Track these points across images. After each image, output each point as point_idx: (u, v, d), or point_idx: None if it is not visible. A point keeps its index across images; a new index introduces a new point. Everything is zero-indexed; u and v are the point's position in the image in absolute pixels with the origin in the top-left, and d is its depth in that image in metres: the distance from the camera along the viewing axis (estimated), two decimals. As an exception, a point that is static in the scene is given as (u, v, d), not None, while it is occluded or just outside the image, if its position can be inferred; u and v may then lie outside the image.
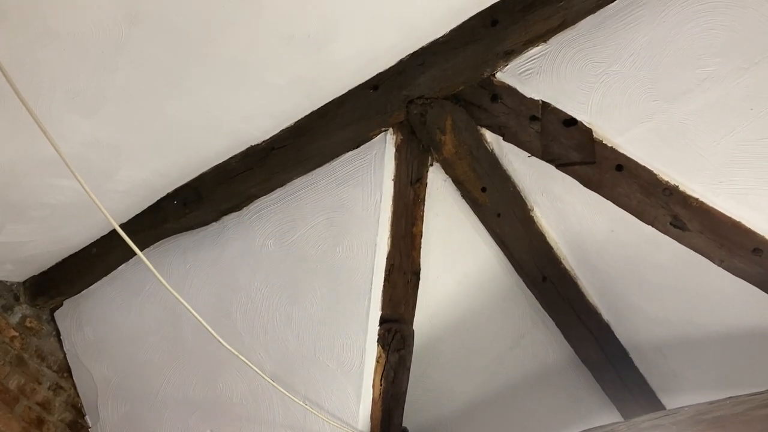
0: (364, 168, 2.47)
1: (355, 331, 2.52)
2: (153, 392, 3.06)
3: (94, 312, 3.26)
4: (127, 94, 2.15)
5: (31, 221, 2.70)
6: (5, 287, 3.25)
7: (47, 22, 1.77)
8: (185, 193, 2.72)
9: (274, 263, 2.70)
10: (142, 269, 3.07)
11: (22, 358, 3.16)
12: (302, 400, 2.56)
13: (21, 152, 2.25)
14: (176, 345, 2.99)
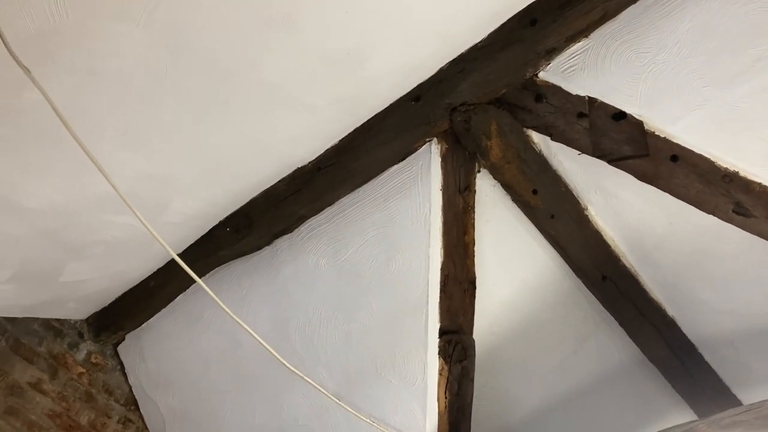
0: (411, 180, 2.46)
1: (415, 344, 2.49)
2: (219, 419, 3.08)
3: (156, 344, 3.31)
4: (174, 127, 2.19)
5: (89, 259, 2.76)
6: (69, 325, 3.33)
7: (93, 63, 1.81)
8: (237, 220, 2.75)
9: (328, 282, 2.70)
10: (199, 299, 3.11)
11: (90, 394, 3.22)
12: (367, 417, 2.54)
13: (76, 192, 2.30)
14: (238, 371, 3.01)
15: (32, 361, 3.07)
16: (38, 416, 2.97)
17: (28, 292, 2.89)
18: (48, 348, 3.17)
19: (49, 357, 3.16)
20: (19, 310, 3.04)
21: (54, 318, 3.26)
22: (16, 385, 2.95)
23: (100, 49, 1.78)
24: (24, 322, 3.13)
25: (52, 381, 3.10)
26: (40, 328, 3.19)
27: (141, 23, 1.75)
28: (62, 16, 1.66)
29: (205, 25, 1.83)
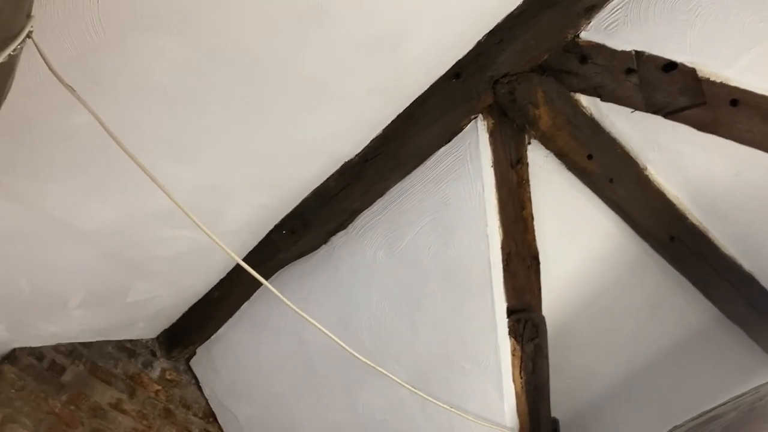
0: (460, 160, 2.41)
1: (484, 327, 2.45)
2: (296, 423, 3.09)
3: (226, 354, 3.35)
4: (219, 135, 2.20)
5: (153, 276, 2.81)
6: (142, 345, 3.39)
7: (134, 78, 1.83)
8: (291, 222, 2.75)
9: (388, 274, 2.67)
10: (263, 305, 3.12)
11: (169, 410, 3.28)
12: (445, 404, 2.50)
13: (132, 210, 2.33)
14: (309, 373, 3.01)
15: (110, 383, 3.14)
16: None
17: (98, 315, 2.96)
18: (124, 369, 3.24)
19: (126, 377, 3.22)
20: (92, 334, 3.12)
21: (126, 339, 3.33)
22: (98, 407, 3.02)
23: (139, 63, 1.80)
24: (98, 346, 3.20)
25: (131, 400, 3.17)
26: (114, 350, 3.26)
27: (175, 32, 1.76)
28: (100, 35, 1.68)
29: (238, 27, 1.83)
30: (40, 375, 2.92)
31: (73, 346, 3.11)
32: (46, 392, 2.89)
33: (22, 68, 1.61)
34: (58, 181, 2.07)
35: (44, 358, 2.98)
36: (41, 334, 2.91)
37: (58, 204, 2.15)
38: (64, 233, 2.29)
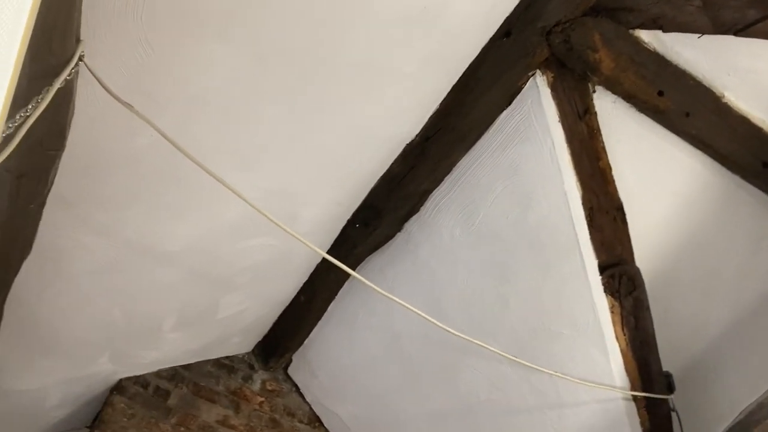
0: (524, 121, 2.33)
1: (577, 289, 2.36)
2: (401, 415, 3.07)
3: (321, 357, 3.36)
4: (279, 138, 2.19)
5: (239, 289, 2.84)
6: (239, 360, 3.45)
7: (188, 90, 1.84)
8: (363, 214, 2.73)
9: (469, 251, 2.61)
10: (350, 302, 3.12)
11: (275, 419, 3.31)
12: (550, 370, 2.43)
13: (209, 225, 2.36)
14: (405, 363, 2.98)
15: (215, 401, 3.20)
16: (234, 450, 3.08)
17: (193, 336, 3.02)
18: (225, 385, 3.30)
19: (229, 393, 3.28)
20: (190, 355, 3.19)
21: (223, 356, 3.40)
22: (207, 426, 3.08)
23: (192, 75, 1.81)
24: (198, 366, 3.27)
25: (237, 415, 3.22)
26: (213, 368, 3.33)
27: (221, 39, 1.76)
28: (149, 53, 1.70)
29: (279, 23, 1.82)
30: (147, 401, 3.01)
31: (174, 369, 3.19)
32: (155, 417, 2.97)
33: (81, 98, 1.64)
34: (134, 207, 2.11)
35: (149, 385, 3.07)
36: (143, 361, 2.99)
37: (137, 229, 2.19)
38: (149, 258, 2.34)
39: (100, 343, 2.66)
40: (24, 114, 1.16)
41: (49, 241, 1.97)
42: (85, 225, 2.04)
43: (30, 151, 1.37)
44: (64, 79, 1.26)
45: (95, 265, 2.22)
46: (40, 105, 1.18)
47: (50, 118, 1.34)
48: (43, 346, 2.46)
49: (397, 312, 2.93)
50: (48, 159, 1.44)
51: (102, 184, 1.96)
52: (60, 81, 1.24)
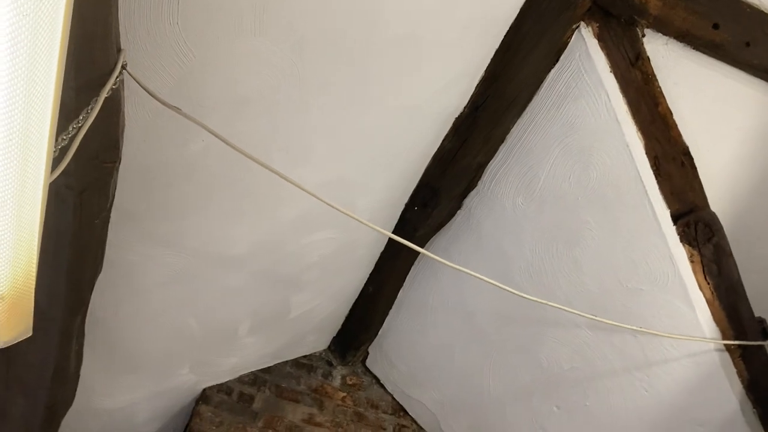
0: (575, 76, 2.25)
1: (651, 243, 2.26)
2: (484, 395, 3.02)
3: (397, 346, 3.34)
4: (328, 127, 2.18)
5: (308, 286, 2.84)
6: (317, 358, 3.46)
7: (233, 91, 1.84)
8: (420, 196, 2.69)
9: (533, 218, 2.55)
10: (419, 287, 3.09)
11: (359, 413, 3.31)
12: (632, 333, 2.34)
13: (270, 224, 2.37)
14: (483, 342, 2.94)
15: (298, 401, 3.22)
16: (323, 447, 3.10)
17: (269, 338, 3.05)
18: (307, 384, 3.32)
19: (311, 392, 3.30)
20: (268, 358, 3.22)
21: (301, 356, 3.42)
22: (294, 426, 3.11)
23: (234, 74, 1.81)
24: (277, 369, 3.30)
25: (321, 413, 3.23)
26: (293, 369, 3.35)
27: (256, 33, 1.76)
28: (189, 57, 1.70)
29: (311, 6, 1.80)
30: (232, 408, 3.05)
31: (254, 374, 3.22)
32: (243, 422, 3.01)
33: (129, 109, 1.66)
34: (195, 215, 2.13)
35: (232, 392, 3.11)
36: (223, 369, 3.03)
37: (201, 237, 2.22)
38: (216, 264, 2.36)
39: (180, 355, 2.70)
40: (76, 125, 1.18)
41: (117, 257, 2.01)
42: (150, 238, 2.07)
43: (88, 166, 1.39)
44: (110, 88, 1.27)
45: (165, 277, 2.25)
46: (90, 115, 1.20)
47: (102, 130, 1.35)
48: (126, 363, 2.52)
49: (468, 291, 2.88)
50: (106, 172, 1.45)
51: (161, 195, 1.98)
52: (106, 90, 1.25)
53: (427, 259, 2.99)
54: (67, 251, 1.53)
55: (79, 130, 1.17)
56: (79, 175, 1.38)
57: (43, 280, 1.60)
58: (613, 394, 2.53)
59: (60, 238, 1.50)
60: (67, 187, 1.39)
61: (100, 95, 1.24)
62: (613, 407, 2.54)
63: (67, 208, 1.43)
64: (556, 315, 2.59)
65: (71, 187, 1.39)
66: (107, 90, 1.27)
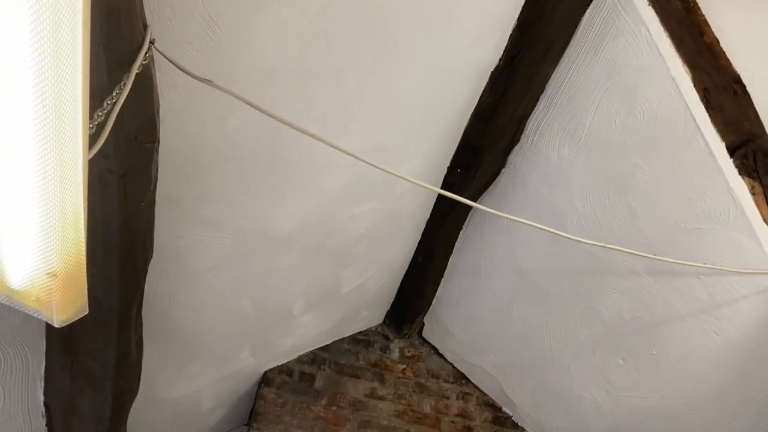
0: (611, 15, 2.16)
1: (707, 179, 2.17)
2: (546, 354, 2.97)
3: (453, 314, 3.31)
4: (362, 93, 2.14)
5: (357, 260, 2.83)
6: (373, 333, 3.46)
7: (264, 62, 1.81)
8: (462, 157, 2.64)
9: (582, 168, 2.47)
10: (468, 252, 3.05)
11: (421, 384, 3.30)
12: (696, 275, 2.26)
13: (315, 199, 2.35)
14: (540, 300, 2.88)
15: (359, 376, 3.22)
16: (388, 420, 3.09)
17: (323, 316, 3.05)
18: (366, 360, 3.32)
19: (371, 367, 3.29)
20: (325, 337, 3.22)
21: (357, 332, 3.41)
22: (357, 401, 3.11)
23: (264, 45, 1.78)
24: (335, 347, 3.31)
25: (383, 386, 3.23)
26: (350, 345, 3.35)
27: (281, 1, 1.72)
28: (216, 31, 1.68)
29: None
30: (295, 388, 3.06)
31: (313, 353, 3.23)
32: (306, 401, 3.02)
33: (162, 89, 1.65)
34: (238, 195, 2.12)
35: (293, 372, 3.13)
36: (282, 350, 3.04)
37: (246, 217, 2.21)
38: (264, 243, 2.36)
39: (238, 338, 2.72)
40: (110, 101, 1.16)
41: (166, 243, 2.01)
42: (197, 221, 2.07)
43: (127, 147, 1.38)
44: (140, 64, 1.25)
45: (215, 260, 2.25)
46: (123, 91, 1.18)
47: (138, 109, 1.35)
48: (186, 350, 2.54)
49: (520, 249, 2.83)
50: (146, 153, 1.45)
51: (204, 177, 1.97)
52: (137, 66, 1.24)
53: (475, 223, 2.94)
54: (117, 237, 1.53)
55: (114, 106, 1.16)
56: (120, 157, 1.37)
57: (96, 269, 1.61)
58: (680, 341, 2.45)
59: (108, 225, 1.50)
60: (109, 170, 1.38)
61: (131, 71, 1.23)
62: (682, 354, 2.47)
63: (111, 193, 1.43)
64: (614, 264, 2.51)
65: (113, 170, 1.39)
66: (138, 65, 1.25)
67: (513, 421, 3.27)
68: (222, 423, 3.16)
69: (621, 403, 2.75)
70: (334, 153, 2.28)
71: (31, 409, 2.20)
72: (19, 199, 0.85)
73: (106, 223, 1.48)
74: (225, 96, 1.74)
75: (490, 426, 3.23)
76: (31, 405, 2.18)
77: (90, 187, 1.45)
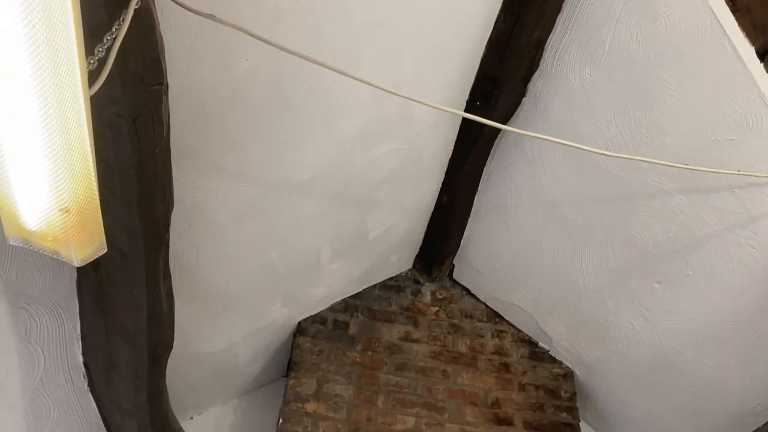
0: None
1: (737, 86, 2.08)
2: (580, 285, 2.94)
3: (482, 253, 3.28)
4: (371, 31, 2.08)
5: (381, 205, 2.80)
6: (404, 278, 3.45)
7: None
8: (480, 89, 2.57)
9: (605, 88, 2.39)
10: (493, 189, 3.00)
11: (454, 325, 3.30)
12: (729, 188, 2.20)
13: (333, 144, 2.32)
14: (568, 230, 2.83)
15: (392, 321, 3.23)
16: (424, 361, 3.10)
17: (352, 264, 3.04)
18: (398, 304, 3.32)
19: (403, 311, 3.29)
20: (355, 284, 3.22)
21: (387, 278, 3.41)
22: (392, 345, 3.12)
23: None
24: (366, 294, 3.31)
25: (417, 329, 3.23)
26: (381, 291, 3.35)
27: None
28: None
29: None
30: (330, 336, 3.08)
31: (345, 301, 3.24)
32: (342, 348, 3.04)
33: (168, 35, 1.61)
34: (254, 143, 2.09)
35: (327, 321, 3.14)
36: (314, 300, 3.05)
37: (264, 165, 2.19)
38: (284, 192, 2.34)
39: (269, 290, 2.72)
40: (110, 37, 1.13)
41: (186, 195, 2.00)
42: (215, 171, 2.06)
43: (135, 89, 1.35)
44: (138, 0, 1.21)
45: (237, 211, 2.24)
46: (122, 26, 1.15)
47: (141, 48, 1.31)
48: (218, 304, 2.56)
49: (546, 181, 2.77)
50: (155, 96, 1.42)
51: (217, 125, 1.95)
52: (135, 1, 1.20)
53: (498, 159, 2.88)
54: (135, 186, 1.52)
55: (114, 41, 1.12)
56: (128, 100, 1.35)
57: (118, 221, 1.61)
58: (716, 259, 2.40)
59: (124, 173, 1.48)
60: (118, 115, 1.36)
61: (129, 6, 1.19)
62: (719, 272, 2.41)
63: (123, 139, 1.41)
64: (644, 186, 2.45)
65: (122, 115, 1.36)
66: (135, 1, 1.21)
67: (550, 355, 3.26)
68: (261, 376, 3.20)
69: (659, 328, 2.72)
70: (348, 94, 2.24)
71: (72, 370, 2.24)
72: (21, 129, 0.83)
73: (122, 171, 1.46)
74: (232, 39, 1.71)
75: (527, 362, 3.22)
76: (71, 365, 2.21)
77: (101, 134, 1.44)
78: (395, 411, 2.87)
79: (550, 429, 2.94)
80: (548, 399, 3.06)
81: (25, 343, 2.05)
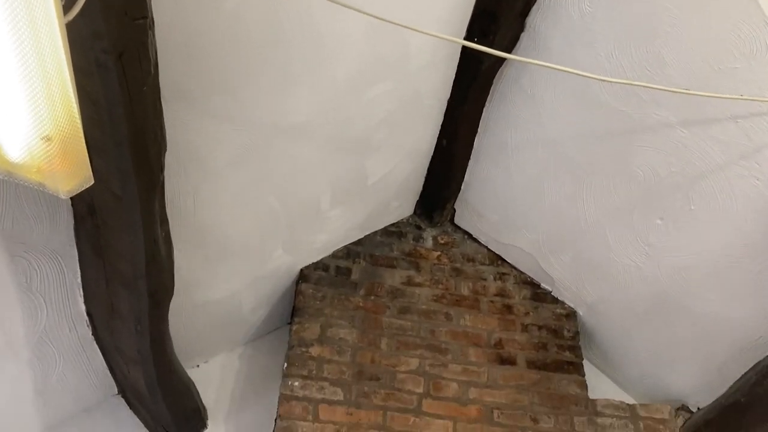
0: None
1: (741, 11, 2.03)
2: (581, 224, 2.92)
3: (483, 196, 3.26)
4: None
5: (380, 149, 2.77)
6: (404, 224, 3.44)
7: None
8: (478, 24, 2.50)
9: (604, 21, 2.33)
10: (494, 130, 2.97)
11: (457, 268, 3.30)
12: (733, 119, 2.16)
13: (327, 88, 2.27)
14: (569, 168, 2.80)
15: (394, 266, 3.23)
16: (427, 305, 3.11)
17: (353, 210, 3.02)
18: (400, 250, 3.31)
19: (405, 256, 3.29)
20: (357, 231, 3.21)
21: (388, 225, 3.39)
22: (395, 289, 3.12)
23: None
24: (367, 240, 3.30)
25: (419, 274, 3.23)
26: (383, 237, 3.34)
27: None
28: None
29: None
30: (332, 282, 3.08)
31: (347, 248, 3.23)
32: (345, 293, 3.05)
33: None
34: (247, 85, 2.05)
35: (329, 268, 3.14)
36: (315, 246, 3.04)
37: (258, 107, 2.15)
38: (280, 135, 2.31)
39: (270, 236, 2.71)
40: (86, -37, 1.09)
41: (181, 139, 1.97)
42: (207, 114, 2.02)
43: (118, 24, 1.32)
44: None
45: (232, 155, 2.21)
46: (99, -48, 1.10)
47: (121, -20, 1.27)
48: (219, 251, 2.55)
49: (546, 119, 2.72)
50: (139, 30, 1.38)
51: (208, 66, 1.90)
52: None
53: (497, 99, 2.82)
54: (124, 125, 1.49)
55: (90, -32, 1.08)
56: (113, 36, 1.31)
57: (110, 162, 1.59)
58: (720, 192, 2.37)
59: (113, 111, 1.45)
60: (104, 51, 1.32)
61: (106, -69, 1.15)
62: (722, 205, 2.39)
63: (111, 76, 1.38)
64: (645, 120, 2.41)
65: (108, 51, 1.33)
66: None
67: (553, 296, 3.26)
68: (265, 323, 3.21)
69: (661, 264, 2.71)
70: (340, 32, 2.19)
71: (75, 318, 2.25)
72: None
73: (110, 108, 1.43)
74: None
75: (529, 303, 3.23)
76: (74, 313, 2.22)
77: (88, 72, 1.40)
78: (399, 353, 2.88)
79: (553, 368, 2.96)
80: (551, 338, 3.08)
81: (26, 291, 2.05)
